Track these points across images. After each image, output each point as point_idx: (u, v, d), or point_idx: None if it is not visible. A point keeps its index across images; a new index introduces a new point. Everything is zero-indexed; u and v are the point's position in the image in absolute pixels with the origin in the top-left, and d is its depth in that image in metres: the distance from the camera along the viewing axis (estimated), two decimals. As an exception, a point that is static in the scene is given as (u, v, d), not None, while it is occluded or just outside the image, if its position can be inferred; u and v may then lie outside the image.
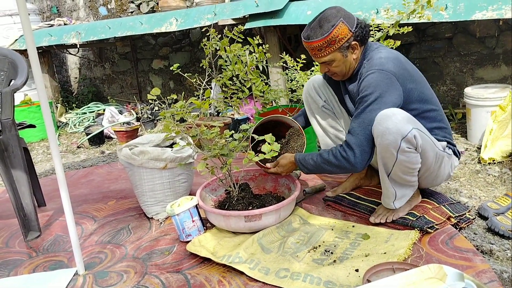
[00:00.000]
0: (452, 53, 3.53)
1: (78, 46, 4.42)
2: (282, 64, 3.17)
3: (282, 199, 2.01)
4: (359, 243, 1.71)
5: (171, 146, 2.23)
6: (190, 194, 2.28)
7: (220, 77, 2.74)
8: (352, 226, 1.85)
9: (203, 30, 2.97)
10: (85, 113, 4.76)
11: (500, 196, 1.96)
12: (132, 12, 4.71)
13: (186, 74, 2.96)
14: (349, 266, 1.54)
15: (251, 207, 1.88)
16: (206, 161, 1.87)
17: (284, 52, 2.96)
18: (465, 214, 1.82)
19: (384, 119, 1.59)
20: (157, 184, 2.11)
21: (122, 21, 4.04)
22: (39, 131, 4.09)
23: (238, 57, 2.60)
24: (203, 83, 2.94)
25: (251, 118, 3.62)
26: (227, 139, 1.88)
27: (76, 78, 5.83)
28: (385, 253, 1.60)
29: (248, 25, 3.32)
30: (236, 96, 2.72)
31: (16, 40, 4.42)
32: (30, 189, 2.12)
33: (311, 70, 2.84)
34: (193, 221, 1.87)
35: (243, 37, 2.73)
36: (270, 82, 3.49)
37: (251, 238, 1.77)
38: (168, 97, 2.38)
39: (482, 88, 2.79)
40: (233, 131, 1.93)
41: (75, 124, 4.58)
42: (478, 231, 1.76)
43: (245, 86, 2.65)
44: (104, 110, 4.54)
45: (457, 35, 3.48)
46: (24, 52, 4.09)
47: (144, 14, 4.46)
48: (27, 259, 1.93)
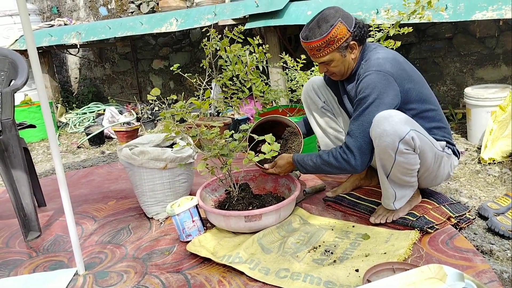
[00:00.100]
0: (452, 53, 3.54)
1: (78, 46, 4.42)
2: (282, 64, 3.18)
3: (282, 199, 2.01)
4: (359, 243, 1.71)
5: (171, 146, 2.23)
6: (190, 194, 2.28)
7: (220, 77, 2.74)
8: (352, 226, 1.85)
9: (203, 30, 2.97)
10: (85, 113, 4.76)
11: (500, 196, 1.96)
12: (132, 12, 4.72)
13: (186, 74, 2.96)
14: (349, 266, 1.54)
15: (251, 207, 1.88)
16: (206, 161, 1.88)
17: (284, 52, 2.96)
18: (465, 214, 1.82)
19: (382, 121, 1.59)
20: (157, 184, 2.12)
21: (122, 21, 4.04)
22: (39, 131, 4.09)
23: (238, 57, 2.60)
24: (203, 83, 2.95)
25: (251, 118, 3.62)
26: (227, 139, 1.88)
27: (76, 78, 5.83)
28: (385, 253, 1.60)
29: (248, 25, 3.32)
30: (236, 96, 2.72)
31: (16, 40, 4.42)
32: (30, 189, 2.13)
33: (311, 70, 2.84)
34: (193, 221, 1.87)
35: (243, 37, 2.73)
36: (270, 82, 3.49)
37: (251, 238, 1.77)
38: (168, 97, 2.39)
39: (482, 88, 2.79)
40: (233, 131, 1.93)
41: (75, 124, 4.58)
42: (478, 231, 1.76)
43: (245, 86, 2.66)
44: (104, 110, 4.54)
45: (457, 35, 3.49)
46: (24, 52, 4.09)
47: (144, 14, 4.46)
48: (27, 259, 1.93)
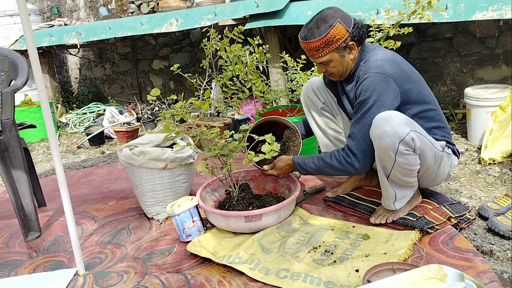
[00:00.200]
0: (452, 53, 3.53)
1: (79, 47, 4.42)
2: (282, 64, 3.17)
3: (282, 199, 2.01)
4: (359, 243, 1.70)
5: (171, 146, 2.23)
6: (190, 194, 2.28)
7: (220, 77, 2.74)
8: (352, 227, 1.85)
9: (204, 30, 2.97)
10: (85, 113, 4.76)
11: (500, 196, 1.96)
12: (132, 12, 4.72)
13: (187, 75, 2.96)
14: (349, 267, 1.54)
15: (251, 207, 1.88)
16: (206, 161, 1.88)
17: (284, 52, 2.96)
18: (465, 214, 1.82)
19: (382, 122, 1.59)
20: (157, 184, 2.12)
21: (122, 21, 4.04)
22: (39, 131, 4.09)
23: (238, 57, 2.60)
24: (203, 83, 2.95)
25: (251, 119, 3.62)
26: (227, 140, 1.88)
27: (76, 78, 5.83)
28: (385, 253, 1.60)
29: (248, 25, 3.32)
30: (236, 97, 2.72)
31: (17, 40, 4.42)
32: (31, 189, 2.13)
33: (311, 71, 2.84)
34: (193, 221, 1.87)
35: (243, 37, 2.73)
36: (270, 82, 3.49)
37: (251, 239, 1.77)
38: (168, 97, 2.39)
39: (482, 88, 2.79)
40: (233, 132, 1.93)
41: (75, 124, 4.58)
42: (478, 231, 1.75)
43: (245, 87, 2.66)
44: (104, 111, 4.54)
45: (457, 36, 3.48)
46: (24, 53, 4.09)
47: (144, 14, 4.46)
48: (27, 259, 1.93)
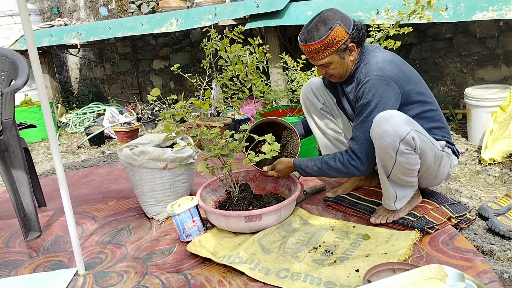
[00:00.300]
0: (453, 53, 3.53)
1: (79, 47, 4.42)
2: (282, 64, 3.17)
3: (283, 199, 2.01)
4: (360, 243, 1.70)
5: (171, 146, 2.23)
6: (190, 194, 2.28)
7: (221, 77, 2.74)
8: (352, 227, 1.85)
9: (204, 30, 2.97)
10: (85, 113, 4.76)
11: (501, 196, 1.96)
12: (132, 12, 4.72)
13: (187, 75, 2.96)
14: (349, 267, 1.54)
15: (251, 207, 1.88)
16: (207, 161, 1.88)
17: (284, 52, 2.96)
18: (465, 214, 1.82)
19: (382, 121, 1.59)
20: (157, 184, 2.12)
21: (122, 21, 4.04)
22: (39, 131, 4.09)
23: (239, 57, 2.60)
24: (203, 83, 2.95)
25: (252, 119, 3.62)
26: (227, 140, 1.88)
27: (76, 78, 5.83)
28: (385, 253, 1.60)
29: (248, 25, 3.32)
30: (237, 97, 2.72)
31: (17, 40, 4.42)
32: (31, 189, 2.13)
33: (311, 71, 2.84)
34: (193, 221, 1.87)
35: (244, 37, 2.73)
36: (270, 82, 3.49)
37: (251, 239, 1.77)
38: (168, 97, 2.39)
39: (483, 88, 2.79)
40: (233, 132, 1.93)
41: (75, 124, 4.58)
42: (478, 231, 1.75)
43: (245, 87, 2.66)
44: (104, 111, 4.54)
45: (457, 36, 3.48)
46: (24, 53, 4.09)
47: (144, 14, 4.46)
48: (28, 259, 1.93)
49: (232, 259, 1.65)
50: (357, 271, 1.51)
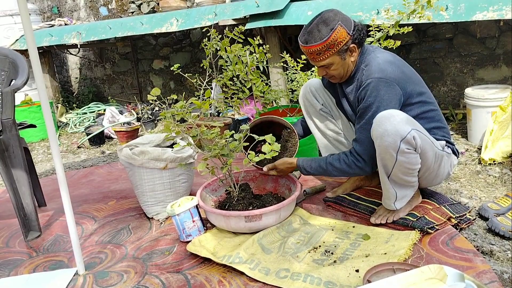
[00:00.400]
0: (453, 53, 3.53)
1: (79, 46, 4.42)
2: (282, 64, 3.17)
3: (283, 199, 2.01)
4: (360, 243, 1.70)
5: (171, 146, 2.23)
6: (190, 194, 2.28)
7: (221, 77, 2.74)
8: (352, 227, 1.85)
9: (204, 30, 2.97)
10: (85, 113, 4.76)
11: (501, 196, 1.96)
12: (132, 12, 4.72)
13: (187, 75, 2.96)
14: (349, 267, 1.54)
15: (251, 207, 1.88)
16: (207, 161, 1.87)
17: (284, 52, 2.96)
18: (465, 214, 1.82)
19: (383, 121, 1.59)
20: (157, 184, 2.11)
21: (122, 21, 4.04)
22: (39, 131, 4.09)
23: (239, 57, 2.60)
24: (203, 83, 2.94)
25: (252, 119, 3.62)
26: (227, 140, 1.88)
27: (76, 78, 5.83)
28: (385, 253, 1.60)
29: (248, 25, 3.32)
30: (237, 97, 2.72)
31: (17, 40, 4.42)
32: (31, 189, 2.13)
33: (311, 71, 2.84)
34: (193, 221, 1.87)
35: (244, 37, 2.73)
36: (270, 82, 3.49)
37: (251, 239, 1.77)
38: (168, 97, 2.38)
39: (483, 88, 2.79)
40: (233, 131, 1.93)
41: (75, 124, 4.58)
42: (478, 231, 1.75)
43: (245, 87, 2.65)
44: (104, 110, 4.54)
45: (457, 36, 3.48)
46: (24, 52, 4.09)
47: (144, 14, 4.46)
48: (27, 259, 1.93)
49: (232, 259, 1.65)
50: (357, 271, 1.51)
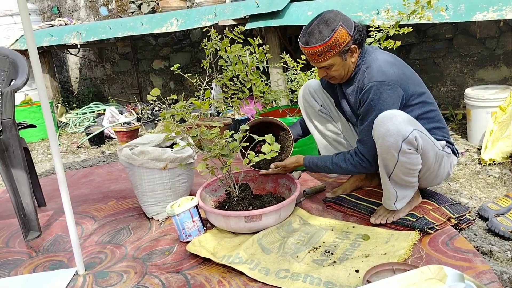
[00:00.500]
0: (453, 54, 3.53)
1: (79, 46, 4.41)
2: (282, 64, 3.17)
3: (282, 199, 2.01)
4: (359, 243, 1.70)
5: (171, 146, 2.23)
6: (190, 195, 2.28)
7: (221, 77, 2.74)
8: (352, 227, 1.85)
9: (204, 30, 2.97)
10: (85, 113, 4.76)
11: (501, 197, 1.96)
12: (132, 12, 4.72)
13: (187, 75, 2.96)
14: (349, 267, 1.54)
15: (251, 208, 1.88)
16: (206, 161, 1.87)
17: (284, 52, 2.96)
18: (465, 215, 1.82)
19: (385, 121, 1.59)
20: (157, 184, 2.12)
21: (122, 21, 4.04)
22: (39, 131, 4.09)
23: (239, 57, 2.60)
24: (203, 83, 2.94)
25: (252, 119, 3.62)
26: (227, 140, 1.88)
27: (76, 78, 5.83)
28: (385, 253, 1.60)
29: (248, 25, 3.32)
30: (237, 97, 2.72)
31: (17, 40, 4.42)
32: (31, 189, 2.13)
33: (311, 71, 2.84)
34: (193, 221, 1.87)
35: (244, 37, 2.73)
36: (270, 82, 3.49)
37: (251, 239, 1.77)
38: (168, 97, 2.38)
39: (483, 89, 2.79)
40: (233, 132, 1.93)
41: (75, 124, 4.58)
42: (478, 232, 1.75)
43: (245, 87, 2.65)
44: (104, 110, 4.54)
45: (457, 36, 3.48)
46: (24, 52, 4.09)
47: (144, 14, 4.46)
48: (27, 259, 1.93)
49: (232, 259, 1.65)
50: (356, 271, 1.51)
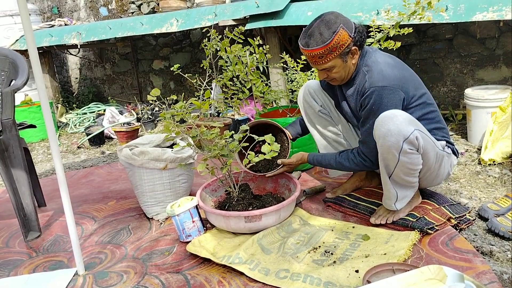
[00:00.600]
0: (453, 54, 3.54)
1: (79, 47, 4.41)
2: (282, 64, 3.17)
3: (282, 199, 2.01)
4: (359, 244, 1.70)
5: (171, 146, 2.23)
6: (190, 195, 2.28)
7: (221, 77, 2.74)
8: (352, 227, 1.85)
9: (204, 30, 2.97)
10: (85, 113, 4.76)
11: (500, 197, 1.96)
12: (132, 12, 4.72)
13: (187, 75, 2.96)
14: (349, 267, 1.54)
15: (251, 208, 1.88)
16: (206, 161, 1.88)
17: (284, 52, 2.96)
18: (465, 215, 1.82)
19: (386, 121, 1.59)
20: (157, 185, 2.12)
21: (122, 21, 4.04)
22: (39, 131, 4.09)
23: (239, 57, 2.60)
24: (203, 83, 2.94)
25: (252, 119, 3.62)
26: (227, 140, 1.88)
27: (76, 78, 5.83)
28: (385, 254, 1.60)
29: (248, 25, 3.32)
30: (237, 97, 2.72)
31: (17, 40, 4.42)
32: (31, 189, 2.13)
33: (311, 71, 2.84)
34: (193, 221, 1.87)
35: (244, 37, 2.73)
36: (270, 82, 3.49)
37: (251, 239, 1.77)
38: (168, 97, 2.38)
39: (483, 89, 2.79)
40: (233, 132, 1.93)
41: (75, 125, 4.58)
42: (478, 232, 1.75)
43: (245, 87, 2.65)
44: (104, 111, 4.54)
45: (457, 36, 3.48)
46: (24, 53, 4.09)
47: (144, 14, 4.46)
48: (27, 259, 1.93)
49: (232, 260, 1.65)
50: (356, 271, 1.51)
